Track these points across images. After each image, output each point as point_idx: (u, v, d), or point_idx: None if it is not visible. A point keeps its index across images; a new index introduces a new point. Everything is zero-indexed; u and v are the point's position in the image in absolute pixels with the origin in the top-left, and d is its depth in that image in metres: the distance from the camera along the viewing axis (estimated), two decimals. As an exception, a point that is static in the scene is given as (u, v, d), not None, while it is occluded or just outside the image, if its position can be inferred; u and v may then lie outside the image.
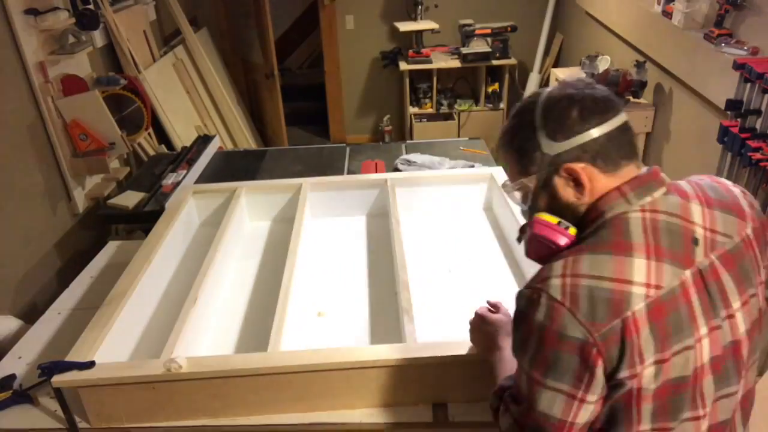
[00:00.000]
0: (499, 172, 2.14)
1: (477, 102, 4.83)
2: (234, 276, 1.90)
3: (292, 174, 2.50)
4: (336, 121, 5.28)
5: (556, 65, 4.65)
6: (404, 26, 4.57)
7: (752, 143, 2.19)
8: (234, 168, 2.66)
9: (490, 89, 4.71)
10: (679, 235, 0.87)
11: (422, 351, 1.33)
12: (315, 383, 1.34)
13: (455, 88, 4.92)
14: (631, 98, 3.18)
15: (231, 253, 1.94)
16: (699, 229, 0.88)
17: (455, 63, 4.59)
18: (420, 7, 4.61)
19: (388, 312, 1.65)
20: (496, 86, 4.69)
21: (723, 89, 2.40)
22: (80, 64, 2.81)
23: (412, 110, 4.81)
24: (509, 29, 4.51)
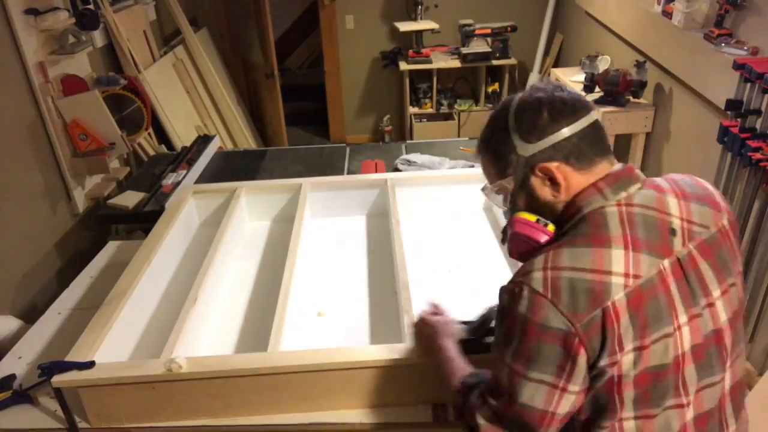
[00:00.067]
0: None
1: (477, 102, 4.83)
2: (234, 276, 1.90)
3: (292, 174, 2.50)
4: (336, 121, 5.28)
5: (556, 65, 4.65)
6: (404, 26, 4.57)
7: (752, 143, 2.19)
8: (234, 168, 2.66)
9: (490, 89, 4.71)
10: (656, 227, 0.89)
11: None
12: (315, 383, 1.34)
13: (455, 88, 4.93)
14: (631, 98, 3.18)
15: (231, 253, 1.94)
16: (676, 220, 0.91)
17: (455, 63, 4.59)
18: (420, 7, 4.61)
19: (388, 312, 1.65)
20: (496, 86, 4.69)
21: (723, 89, 2.40)
22: (80, 64, 2.81)
23: (412, 110, 4.81)
24: (509, 29, 4.51)
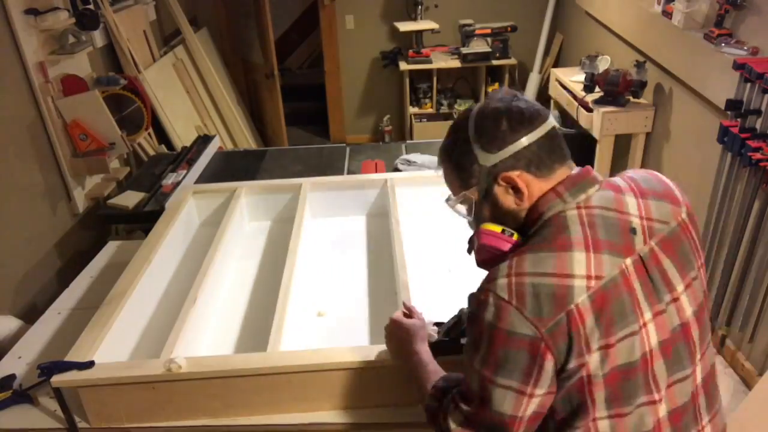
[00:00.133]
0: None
1: (477, 102, 4.80)
2: (234, 276, 1.90)
3: (292, 174, 2.50)
4: (336, 121, 5.27)
5: (556, 65, 4.65)
6: (404, 26, 4.57)
7: (752, 143, 2.19)
8: (234, 168, 2.66)
9: (490, 89, 4.71)
10: (616, 227, 0.91)
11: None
12: (315, 383, 1.34)
13: (455, 88, 4.93)
14: (631, 98, 3.18)
15: (231, 253, 1.94)
16: (635, 219, 0.93)
17: (455, 63, 4.59)
18: (420, 7, 4.61)
19: (388, 312, 1.63)
20: (496, 86, 4.69)
21: (723, 89, 2.40)
22: (80, 64, 2.81)
23: (412, 110, 4.81)
24: (509, 29, 4.51)
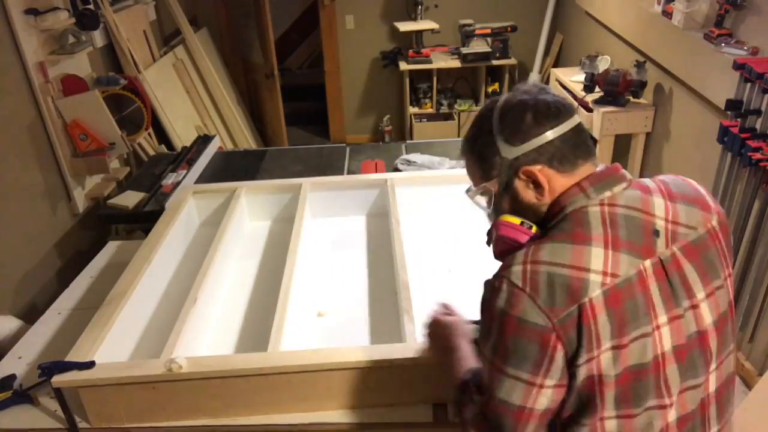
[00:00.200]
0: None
1: (477, 102, 4.83)
2: (234, 276, 1.90)
3: (292, 174, 2.50)
4: (336, 121, 5.28)
5: (556, 65, 4.65)
6: (404, 26, 4.57)
7: (752, 143, 2.20)
8: (234, 168, 2.66)
9: (490, 89, 4.71)
10: (639, 227, 0.90)
11: (422, 351, 1.32)
12: (315, 383, 1.34)
13: (455, 88, 4.93)
14: (631, 98, 3.18)
15: (231, 253, 1.94)
16: (660, 221, 0.91)
17: (455, 63, 4.59)
18: (420, 7, 4.61)
19: (388, 312, 1.65)
20: (496, 86, 4.69)
21: (723, 89, 2.40)
22: (80, 64, 2.81)
23: (412, 110, 4.81)
24: (509, 29, 4.51)
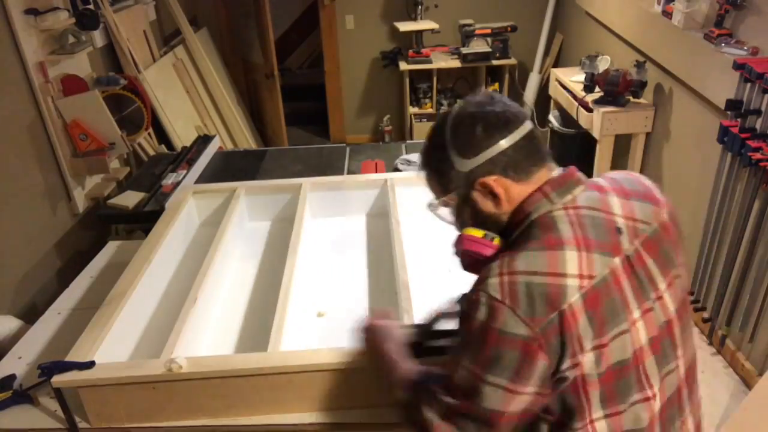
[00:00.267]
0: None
1: (476, 102, 4.82)
2: (234, 276, 1.90)
3: (292, 174, 2.50)
4: (336, 121, 5.28)
5: (556, 65, 4.65)
6: (404, 26, 4.57)
7: (752, 143, 2.20)
8: (234, 168, 2.66)
9: (491, 89, 4.71)
10: (603, 227, 0.92)
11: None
12: (315, 383, 1.34)
13: (455, 88, 4.93)
14: (631, 98, 3.18)
15: (231, 253, 1.94)
16: (620, 219, 0.94)
17: (455, 63, 4.59)
18: (420, 7, 4.61)
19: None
20: (496, 86, 4.69)
21: (723, 89, 2.40)
22: (80, 64, 2.81)
23: (412, 110, 4.81)
24: (509, 29, 4.51)
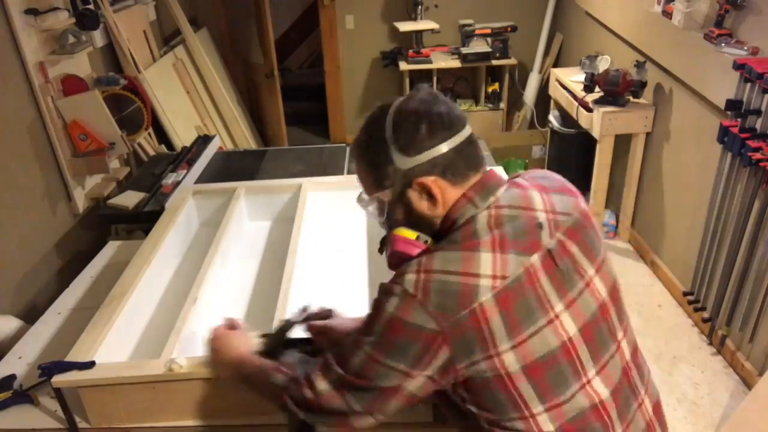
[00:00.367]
0: (500, 172, 2.13)
1: (477, 102, 4.83)
2: (234, 276, 1.90)
3: (292, 174, 2.50)
4: (336, 121, 5.28)
5: (556, 65, 4.65)
6: (404, 26, 4.57)
7: (752, 143, 2.20)
8: (234, 168, 2.66)
9: (490, 89, 4.71)
10: (524, 225, 0.94)
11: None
12: (315, 383, 1.34)
13: (455, 88, 4.93)
14: (631, 98, 3.18)
15: (231, 253, 1.94)
16: (541, 214, 0.96)
17: (455, 63, 4.59)
18: (420, 7, 4.61)
19: (388, 312, 1.65)
20: (496, 86, 4.69)
21: (723, 89, 2.40)
22: (80, 64, 2.81)
23: (412, 110, 4.80)
24: (509, 29, 4.51)
